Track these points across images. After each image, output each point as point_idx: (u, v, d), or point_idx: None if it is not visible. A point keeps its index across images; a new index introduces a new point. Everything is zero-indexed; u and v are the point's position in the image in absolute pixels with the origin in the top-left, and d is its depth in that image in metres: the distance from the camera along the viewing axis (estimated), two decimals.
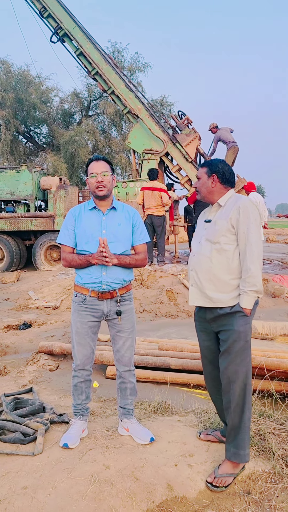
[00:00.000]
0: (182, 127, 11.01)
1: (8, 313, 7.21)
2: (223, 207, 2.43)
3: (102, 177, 2.60)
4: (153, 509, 2.19)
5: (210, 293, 2.37)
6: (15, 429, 2.74)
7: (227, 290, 2.35)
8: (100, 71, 10.90)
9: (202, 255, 2.41)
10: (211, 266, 2.37)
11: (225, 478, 2.33)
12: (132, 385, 2.82)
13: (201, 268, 2.41)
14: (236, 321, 2.32)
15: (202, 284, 2.40)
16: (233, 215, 2.34)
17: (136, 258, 2.70)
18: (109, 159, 2.71)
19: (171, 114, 14.90)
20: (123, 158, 21.94)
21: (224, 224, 2.35)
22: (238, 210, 2.33)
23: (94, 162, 2.64)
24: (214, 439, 2.68)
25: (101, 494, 2.21)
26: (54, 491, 2.23)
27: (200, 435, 2.71)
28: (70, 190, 11.81)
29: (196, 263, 2.44)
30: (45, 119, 22.55)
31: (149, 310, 6.88)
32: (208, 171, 2.47)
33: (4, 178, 12.06)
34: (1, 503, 2.16)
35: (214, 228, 2.39)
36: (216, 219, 2.42)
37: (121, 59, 21.79)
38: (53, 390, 3.75)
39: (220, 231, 2.35)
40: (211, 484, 2.32)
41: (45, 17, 11.24)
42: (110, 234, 2.62)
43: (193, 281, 2.46)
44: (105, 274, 2.61)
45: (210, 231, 2.42)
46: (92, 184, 2.62)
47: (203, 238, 2.45)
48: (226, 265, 2.35)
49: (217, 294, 2.36)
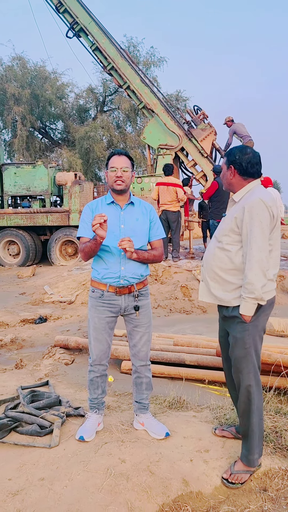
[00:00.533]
0: (197, 121, 10.93)
1: (24, 307, 7.29)
2: (237, 203, 2.30)
3: (122, 172, 2.59)
4: (169, 504, 2.20)
5: (214, 290, 2.35)
6: (32, 422, 2.77)
7: (229, 289, 2.29)
8: (116, 66, 10.88)
9: (209, 251, 2.41)
10: (214, 264, 2.34)
11: (241, 475, 2.31)
12: (148, 379, 2.82)
13: (207, 264, 2.40)
14: (235, 327, 2.29)
15: (208, 281, 2.39)
16: (239, 214, 2.22)
17: (153, 253, 2.70)
18: (131, 155, 2.70)
19: (186, 108, 14.79)
20: (138, 153, 21.92)
21: (228, 223, 2.28)
22: (243, 210, 2.19)
23: (116, 156, 2.63)
24: (230, 435, 2.67)
25: (116, 487, 2.23)
26: (71, 483, 2.25)
27: (216, 431, 2.70)
28: (85, 186, 11.85)
29: (204, 259, 2.45)
30: (61, 114, 22.65)
31: (163, 305, 6.88)
32: (226, 161, 2.34)
33: (20, 173, 12.16)
34: (18, 493, 2.19)
35: (221, 225, 2.36)
36: (227, 216, 2.35)
37: (136, 54, 21.72)
38: (68, 383, 3.78)
39: (224, 230, 2.30)
40: (227, 480, 2.31)
41: (61, 12, 11.25)
42: (128, 229, 2.62)
43: (203, 276, 2.46)
44: (124, 269, 2.61)
45: (219, 228, 2.39)
46: (111, 177, 2.61)
47: (215, 234, 2.43)
48: (227, 265, 2.28)
49: (220, 292, 2.32)
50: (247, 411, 2.31)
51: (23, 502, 2.14)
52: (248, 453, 2.33)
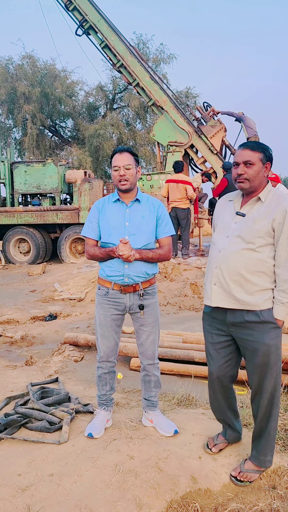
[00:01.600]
0: (207, 118, 10.87)
1: (35, 304, 7.34)
2: (264, 203, 2.17)
3: (125, 170, 2.55)
4: (177, 500, 2.20)
5: (237, 293, 2.16)
6: (41, 418, 2.79)
7: (255, 292, 2.15)
8: (125, 63, 10.86)
9: (230, 252, 2.18)
10: (239, 266, 2.15)
11: (250, 474, 2.30)
12: (156, 378, 2.82)
13: (228, 266, 2.18)
14: (268, 334, 2.15)
15: (228, 284, 2.18)
16: (277, 217, 2.10)
17: (159, 252, 2.64)
18: (133, 151, 2.67)
19: (196, 105, 14.73)
20: (148, 150, 21.88)
21: (265, 224, 2.12)
22: (285, 214, 2.10)
23: (117, 155, 2.59)
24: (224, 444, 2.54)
25: (125, 484, 2.23)
26: (80, 479, 2.27)
27: (212, 450, 2.50)
28: (94, 183, 11.88)
29: (222, 261, 2.20)
30: (70, 113, 22.71)
31: (173, 303, 6.87)
32: (264, 158, 2.15)
33: (31, 172, 12.23)
34: (28, 489, 2.21)
35: (252, 226, 2.14)
36: (255, 216, 2.16)
37: (146, 51, 21.66)
38: (78, 380, 3.81)
39: (259, 231, 2.12)
40: (235, 478, 2.30)
41: (70, 10, 11.27)
42: (133, 226, 2.61)
43: (217, 279, 2.22)
44: (127, 267, 2.60)
45: (244, 228, 2.17)
46: (115, 177, 2.59)
47: (233, 233, 2.19)
48: (257, 267, 2.14)
49: (244, 295, 2.15)
50: (267, 414, 2.25)
51: (32, 497, 2.16)
52: (259, 454, 2.30)
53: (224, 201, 2.40)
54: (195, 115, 11.30)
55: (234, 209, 2.27)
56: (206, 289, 2.31)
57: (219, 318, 2.30)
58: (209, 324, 2.37)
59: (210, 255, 2.35)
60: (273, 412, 2.26)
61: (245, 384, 3.45)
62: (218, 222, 2.36)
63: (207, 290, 2.29)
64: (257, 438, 2.32)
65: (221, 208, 2.39)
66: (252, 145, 2.17)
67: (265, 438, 2.29)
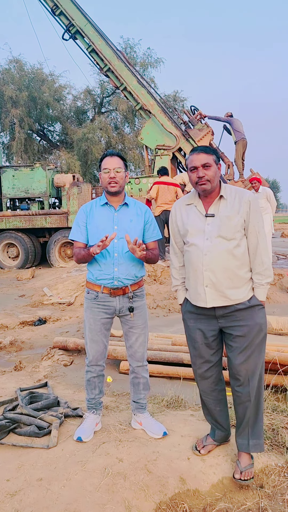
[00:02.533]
0: (195, 122, 10.96)
1: (24, 309, 7.30)
2: (227, 200, 2.32)
3: (115, 173, 2.59)
4: (166, 502, 2.21)
5: (228, 291, 2.28)
6: (30, 423, 2.79)
7: (242, 284, 2.30)
8: (112, 67, 10.91)
9: (217, 253, 2.27)
10: (229, 263, 2.27)
11: (249, 470, 2.35)
12: (145, 380, 2.84)
13: (218, 266, 2.27)
14: (257, 315, 2.31)
15: (221, 283, 2.28)
16: (245, 209, 2.27)
17: (155, 253, 2.73)
18: (123, 155, 2.70)
19: (183, 109, 14.82)
20: (136, 154, 21.94)
21: (238, 219, 2.26)
22: (249, 204, 2.28)
23: (108, 158, 2.63)
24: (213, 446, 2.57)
25: (114, 487, 2.24)
26: (68, 483, 2.27)
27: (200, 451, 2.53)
28: (83, 187, 11.87)
29: (212, 263, 2.28)
30: (58, 117, 22.67)
31: (162, 305, 6.90)
32: (216, 159, 2.31)
33: (19, 176, 12.17)
34: (17, 494, 2.21)
35: (228, 223, 2.27)
36: (227, 214, 2.28)
37: (133, 55, 21.76)
38: (67, 384, 3.80)
39: (236, 226, 2.26)
40: (240, 480, 2.31)
41: (57, 15, 11.29)
42: (122, 230, 2.63)
43: (209, 281, 2.30)
44: (117, 270, 2.62)
45: (221, 227, 2.27)
46: (104, 179, 2.62)
47: (212, 235, 2.29)
48: (241, 260, 2.29)
49: (234, 290, 2.28)
50: (258, 396, 2.36)
51: (21, 502, 2.16)
52: (259, 439, 2.39)
53: (182, 206, 2.47)
54: (182, 119, 11.38)
55: (200, 212, 2.36)
56: (198, 292, 2.35)
57: (206, 313, 2.38)
58: (194, 321, 2.44)
59: (191, 259, 2.37)
60: (262, 391, 2.39)
61: None
62: (187, 227, 2.39)
63: (200, 293, 2.34)
64: (253, 424, 2.38)
65: (182, 213, 2.45)
66: (204, 148, 2.32)
67: (260, 420, 2.40)
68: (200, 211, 2.36)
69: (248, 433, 2.38)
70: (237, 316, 2.31)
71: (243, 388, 2.35)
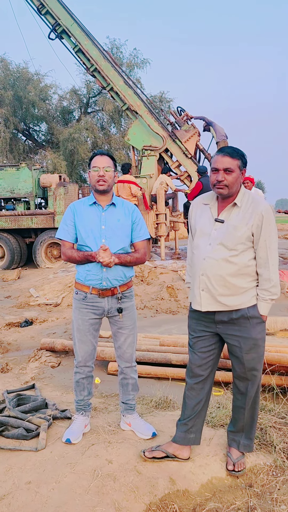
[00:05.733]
0: (181, 123, 10.98)
1: (10, 310, 7.23)
2: (240, 208, 2.25)
3: (104, 172, 2.59)
4: (156, 503, 2.21)
5: (223, 298, 2.25)
6: (18, 425, 2.75)
7: (241, 293, 2.26)
8: (99, 67, 10.86)
9: (214, 260, 2.24)
10: (224, 272, 2.23)
11: (241, 461, 2.41)
12: (134, 381, 2.83)
13: (213, 273, 2.25)
14: (254, 328, 2.27)
15: (216, 290, 2.25)
16: (255, 222, 2.20)
17: (136, 256, 2.70)
18: (112, 155, 2.71)
19: (170, 110, 14.85)
20: (123, 155, 21.90)
21: (245, 231, 2.20)
22: (261, 218, 2.20)
23: (98, 156, 2.63)
24: (160, 454, 2.45)
25: (104, 488, 2.23)
26: (58, 485, 2.25)
27: (145, 454, 2.45)
28: (69, 187, 11.81)
29: (207, 268, 2.26)
30: (44, 116, 22.49)
31: (150, 306, 6.90)
32: (241, 164, 2.22)
33: (4, 176, 12.05)
34: (5, 497, 2.18)
35: (233, 233, 2.22)
36: (235, 223, 2.23)
37: (119, 56, 21.72)
38: (55, 386, 3.77)
39: (241, 238, 2.21)
40: (233, 471, 2.37)
41: (43, 14, 11.19)
42: (109, 229, 2.63)
43: (205, 285, 2.28)
44: (106, 271, 2.61)
45: (226, 235, 2.23)
46: (93, 177, 2.61)
47: (215, 241, 2.25)
48: (240, 271, 2.24)
49: (230, 298, 2.25)
50: (256, 403, 2.41)
51: (9, 506, 2.13)
52: (251, 442, 2.46)
53: (199, 204, 2.44)
54: (169, 120, 11.40)
55: (212, 215, 2.33)
56: (195, 294, 2.35)
57: (206, 316, 2.37)
58: (195, 322, 2.43)
59: (193, 261, 2.40)
60: (258, 400, 2.43)
61: (221, 385, 3.51)
62: (197, 226, 2.39)
63: (196, 295, 2.34)
64: (249, 427, 2.44)
65: (197, 211, 2.43)
66: (232, 152, 2.22)
67: (255, 424, 2.45)
68: (213, 213, 2.32)
69: (242, 435, 2.45)
70: (235, 324, 2.29)
71: (240, 394, 2.40)
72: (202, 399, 2.47)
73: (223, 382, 3.53)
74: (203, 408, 2.50)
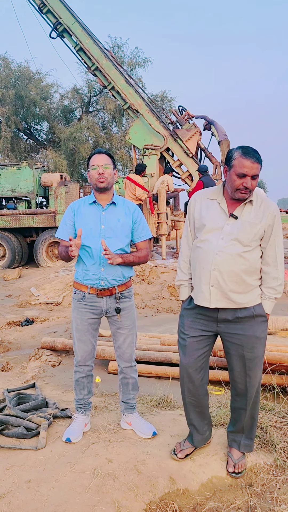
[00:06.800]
0: (182, 122, 10.98)
1: (11, 309, 7.23)
2: (253, 206, 2.26)
3: (104, 169, 2.57)
4: (156, 502, 2.21)
5: (234, 294, 2.23)
6: (18, 424, 2.76)
7: (249, 290, 2.26)
8: (100, 66, 10.86)
9: (228, 254, 2.21)
10: (238, 268, 2.21)
11: (242, 462, 2.40)
12: (134, 380, 2.83)
13: (226, 268, 2.21)
14: (258, 327, 2.27)
15: (227, 285, 2.22)
16: (268, 221, 2.23)
17: (138, 255, 2.68)
18: (111, 153, 2.69)
19: (171, 109, 14.85)
20: (124, 154, 21.89)
21: (259, 228, 2.22)
22: (274, 218, 2.24)
23: (96, 155, 2.61)
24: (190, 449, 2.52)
25: (104, 487, 2.23)
26: (58, 484, 2.25)
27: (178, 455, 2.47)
28: (71, 187, 11.81)
29: (221, 263, 2.21)
30: (45, 115, 22.48)
31: (150, 305, 6.90)
32: (261, 168, 2.20)
33: (5, 175, 12.06)
34: (5, 496, 2.18)
35: (250, 230, 2.22)
36: (250, 220, 2.23)
37: (121, 54, 21.68)
38: (55, 385, 3.77)
39: (256, 235, 2.22)
40: (234, 472, 2.36)
41: (44, 13, 11.19)
42: (109, 229, 2.61)
43: (216, 281, 2.23)
44: (104, 270, 2.60)
45: (241, 231, 2.22)
46: (93, 176, 2.60)
47: (229, 236, 2.22)
48: (252, 268, 2.25)
49: (239, 295, 2.24)
50: (256, 403, 2.40)
51: (9, 504, 2.13)
52: (251, 442, 2.46)
53: (203, 199, 2.37)
54: (170, 119, 11.39)
55: (222, 210, 2.28)
56: (202, 290, 2.28)
57: (207, 315, 2.31)
58: (192, 320, 2.37)
59: (199, 256, 2.30)
60: (258, 400, 2.43)
61: (222, 384, 3.50)
62: (203, 221, 2.31)
63: (204, 291, 2.27)
64: (250, 428, 2.44)
65: (202, 206, 2.35)
66: (259, 157, 2.18)
67: (255, 424, 2.45)
68: (224, 209, 2.27)
69: (242, 435, 2.45)
70: (239, 323, 2.27)
71: (240, 395, 2.38)
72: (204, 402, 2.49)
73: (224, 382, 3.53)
74: (206, 408, 2.53)
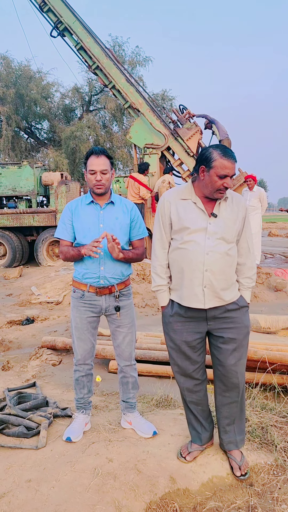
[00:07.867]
0: (183, 121, 10.96)
1: (11, 308, 7.23)
2: (225, 202, 2.26)
3: (101, 175, 2.55)
4: (156, 501, 2.21)
5: (222, 291, 2.25)
6: (18, 423, 2.76)
7: (231, 285, 2.31)
8: (101, 65, 10.84)
9: (218, 254, 2.21)
10: (226, 265, 2.25)
11: (244, 461, 2.41)
12: (134, 379, 2.83)
13: (218, 268, 2.22)
14: (245, 317, 2.35)
15: (219, 284, 2.23)
16: (242, 214, 2.30)
17: (136, 252, 2.71)
18: (109, 153, 2.65)
19: (172, 108, 14.83)
20: (125, 153, 21.89)
21: (238, 224, 2.28)
22: (245, 210, 2.32)
23: (94, 157, 2.56)
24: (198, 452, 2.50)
25: (104, 487, 2.23)
26: (58, 484, 2.25)
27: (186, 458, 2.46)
28: (71, 186, 11.80)
29: (212, 263, 2.21)
30: (46, 114, 22.50)
31: (151, 304, 6.89)
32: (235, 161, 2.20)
33: (6, 174, 12.04)
34: (5, 496, 2.18)
35: (232, 227, 2.24)
36: (229, 216, 2.24)
37: (121, 53, 21.70)
38: (56, 384, 3.77)
39: (237, 231, 2.27)
40: (241, 475, 2.35)
41: (45, 12, 11.17)
42: (107, 228, 2.61)
43: (208, 281, 2.22)
44: (103, 269, 2.61)
45: (225, 229, 2.22)
46: (90, 181, 2.59)
47: (214, 235, 2.21)
48: (234, 262, 2.31)
49: (226, 291, 2.27)
50: (242, 393, 2.41)
51: (9, 504, 2.13)
52: (243, 433, 2.47)
53: (176, 199, 2.30)
54: (171, 118, 11.37)
55: (201, 210, 2.24)
56: (195, 293, 2.24)
57: (197, 316, 2.30)
58: (182, 325, 2.33)
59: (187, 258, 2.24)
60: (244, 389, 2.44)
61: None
62: (186, 223, 2.24)
63: (197, 293, 2.24)
64: (239, 421, 2.45)
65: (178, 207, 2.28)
66: (235, 156, 2.17)
67: (243, 415, 2.47)
68: (201, 208, 2.23)
69: (234, 431, 2.44)
70: (228, 318, 2.31)
71: (232, 390, 2.38)
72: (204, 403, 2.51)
73: None
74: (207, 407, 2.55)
